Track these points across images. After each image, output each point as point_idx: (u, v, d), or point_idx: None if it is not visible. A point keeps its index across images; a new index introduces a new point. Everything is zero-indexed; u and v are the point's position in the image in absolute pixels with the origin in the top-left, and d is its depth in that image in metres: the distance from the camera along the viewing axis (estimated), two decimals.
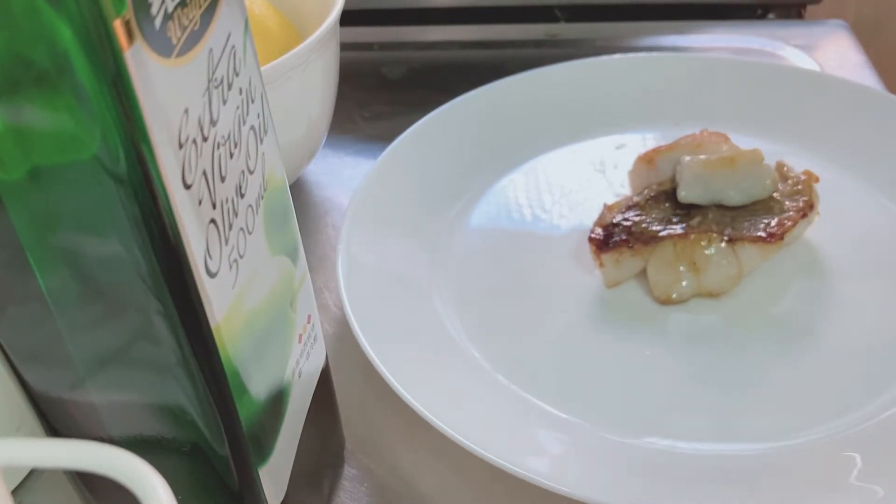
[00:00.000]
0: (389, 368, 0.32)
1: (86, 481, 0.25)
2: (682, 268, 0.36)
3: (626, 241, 0.37)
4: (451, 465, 0.32)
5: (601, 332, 0.36)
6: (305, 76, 0.38)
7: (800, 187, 0.38)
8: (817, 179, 0.38)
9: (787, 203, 0.38)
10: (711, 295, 0.37)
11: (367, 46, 0.59)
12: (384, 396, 0.33)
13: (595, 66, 0.49)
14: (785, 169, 0.39)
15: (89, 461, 0.14)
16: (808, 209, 0.37)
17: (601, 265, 0.37)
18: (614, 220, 0.38)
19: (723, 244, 0.36)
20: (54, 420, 0.23)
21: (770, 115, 0.46)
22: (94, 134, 0.16)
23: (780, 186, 0.38)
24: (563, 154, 0.46)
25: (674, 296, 0.37)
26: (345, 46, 0.44)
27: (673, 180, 0.39)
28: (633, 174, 0.41)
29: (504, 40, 0.59)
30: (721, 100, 0.47)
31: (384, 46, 0.59)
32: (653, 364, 0.35)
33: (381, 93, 0.55)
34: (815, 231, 0.39)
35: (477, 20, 0.61)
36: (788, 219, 0.37)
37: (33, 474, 0.32)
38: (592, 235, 0.38)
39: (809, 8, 0.63)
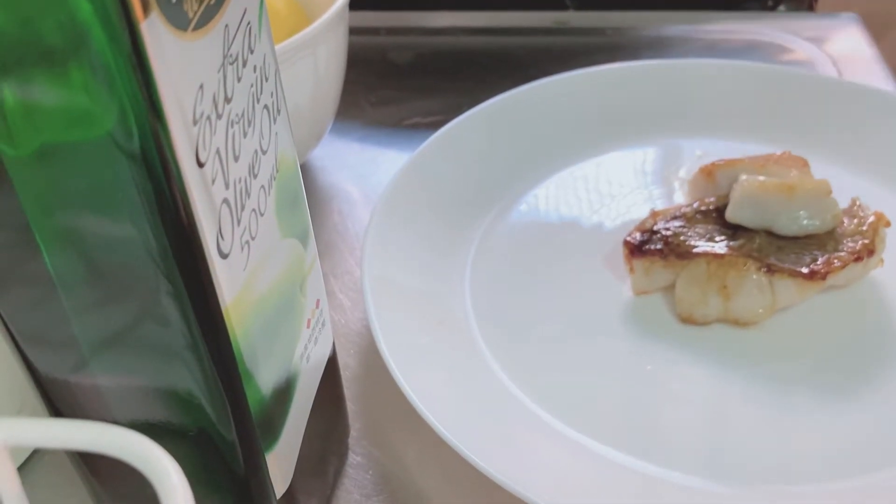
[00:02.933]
0: (412, 386, 0.31)
1: (88, 463, 0.25)
2: (711, 289, 0.34)
3: (660, 250, 0.36)
4: (455, 453, 0.31)
5: (613, 340, 0.35)
6: (313, 59, 0.38)
7: (864, 228, 0.36)
8: (888, 224, 0.36)
9: (845, 242, 0.35)
10: (738, 323, 0.35)
11: (374, 31, 0.59)
12: (389, 385, 0.33)
13: (693, 68, 0.47)
14: (857, 206, 0.37)
15: (101, 443, 0.14)
16: (865, 253, 0.35)
17: (632, 271, 0.36)
18: (655, 228, 0.37)
19: (760, 273, 0.34)
20: (58, 402, 0.23)
21: (881, 151, 0.42)
22: (109, 109, 0.16)
23: (845, 222, 0.36)
24: (636, 156, 0.45)
25: (697, 316, 0.35)
26: (351, 31, 0.43)
27: (728, 197, 0.37)
28: (692, 184, 0.40)
29: (512, 27, 0.59)
30: (830, 125, 0.44)
31: (391, 31, 0.59)
32: (653, 382, 0.33)
33: (387, 78, 0.54)
34: (879, 279, 0.36)
35: (485, 6, 0.60)
36: (838, 259, 0.34)
37: (35, 455, 0.32)
38: (628, 238, 0.37)
39: (820, 0, 0.62)
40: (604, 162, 0.45)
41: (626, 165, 0.44)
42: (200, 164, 0.18)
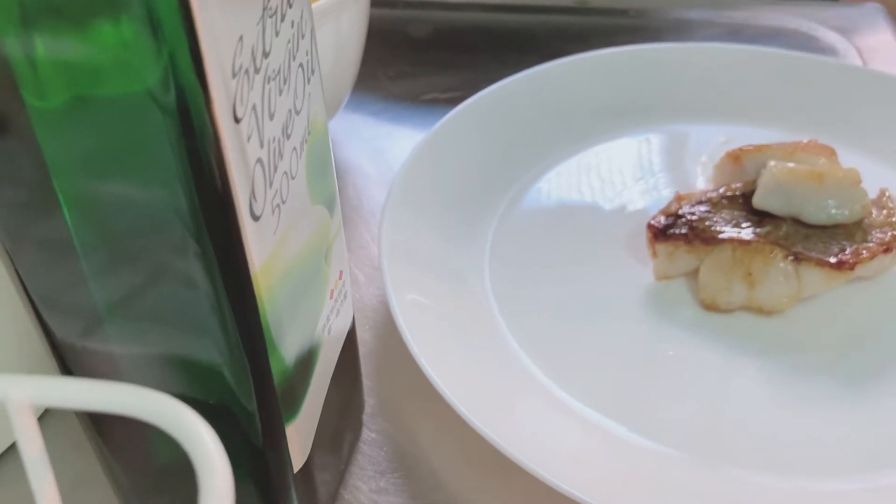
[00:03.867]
0: (432, 365, 0.30)
1: (98, 427, 0.24)
2: (736, 276, 0.34)
3: (685, 235, 0.35)
4: (471, 430, 0.31)
5: (633, 324, 0.35)
6: (336, 25, 0.37)
7: (894, 220, 0.35)
8: None
9: (873, 233, 0.34)
10: (762, 311, 0.34)
11: (392, 4, 0.58)
12: (404, 361, 0.32)
13: (717, 53, 0.46)
14: (885, 197, 0.36)
15: (132, 405, 0.13)
16: (894, 244, 0.34)
17: (654, 255, 0.36)
18: (680, 212, 0.36)
19: (786, 261, 0.33)
20: (74, 368, 0.22)
21: None
22: (152, 61, 0.15)
23: (873, 213, 0.35)
24: (656, 139, 0.44)
25: (720, 303, 0.34)
26: (371, 2, 0.42)
27: (755, 183, 0.36)
28: (718, 169, 0.39)
29: (532, 5, 0.58)
30: (857, 115, 0.43)
31: (409, 5, 0.58)
32: (675, 367, 0.33)
33: (405, 52, 0.53)
34: None
35: None
36: (867, 249, 0.34)
37: (44, 417, 0.31)
38: (652, 222, 0.36)
39: None
40: (625, 145, 0.44)
41: (649, 149, 0.44)
42: (237, 120, 0.17)
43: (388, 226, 0.35)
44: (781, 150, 0.37)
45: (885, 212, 0.35)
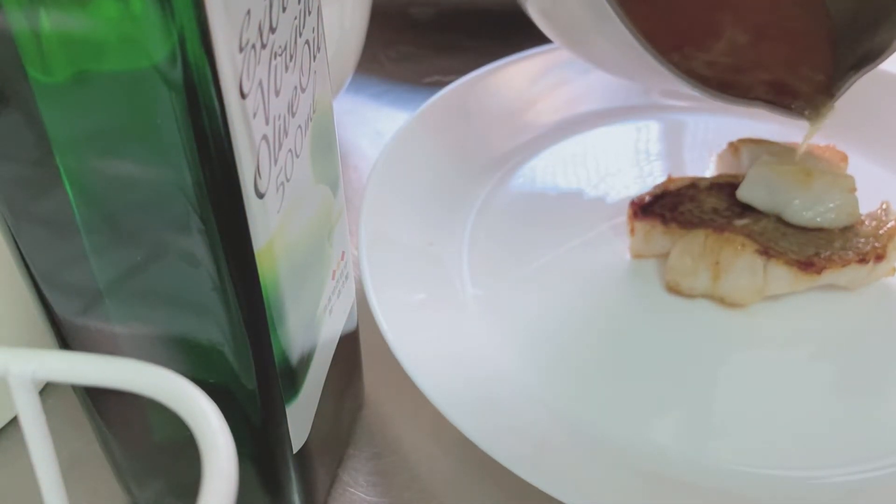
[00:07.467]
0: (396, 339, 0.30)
1: (97, 406, 0.24)
2: (703, 263, 0.34)
3: (662, 215, 0.35)
4: None
5: (595, 298, 0.35)
6: (339, 4, 0.37)
7: (881, 233, 0.34)
8: None
9: (854, 241, 0.34)
10: (723, 302, 0.34)
11: None
12: None
13: None
14: (882, 210, 0.35)
15: (136, 381, 0.13)
16: (872, 257, 0.33)
17: (632, 232, 0.36)
18: (664, 193, 0.36)
19: (755, 255, 0.33)
20: (75, 346, 0.22)
21: None
22: (162, 35, 0.15)
23: (865, 223, 0.34)
24: (655, 127, 0.44)
25: (683, 287, 0.34)
26: None
27: None
28: (720, 159, 0.39)
29: None
30: (882, 121, 0.41)
31: None
32: (628, 349, 0.33)
33: (408, 33, 0.53)
34: (893, 287, 0.35)
35: None
36: (840, 257, 0.33)
37: (40, 395, 0.31)
38: (635, 199, 0.36)
39: None
40: (621, 131, 0.43)
41: (647, 136, 0.43)
42: (243, 96, 0.17)
43: (369, 209, 0.35)
44: (783, 146, 0.37)
45: (875, 223, 0.35)
